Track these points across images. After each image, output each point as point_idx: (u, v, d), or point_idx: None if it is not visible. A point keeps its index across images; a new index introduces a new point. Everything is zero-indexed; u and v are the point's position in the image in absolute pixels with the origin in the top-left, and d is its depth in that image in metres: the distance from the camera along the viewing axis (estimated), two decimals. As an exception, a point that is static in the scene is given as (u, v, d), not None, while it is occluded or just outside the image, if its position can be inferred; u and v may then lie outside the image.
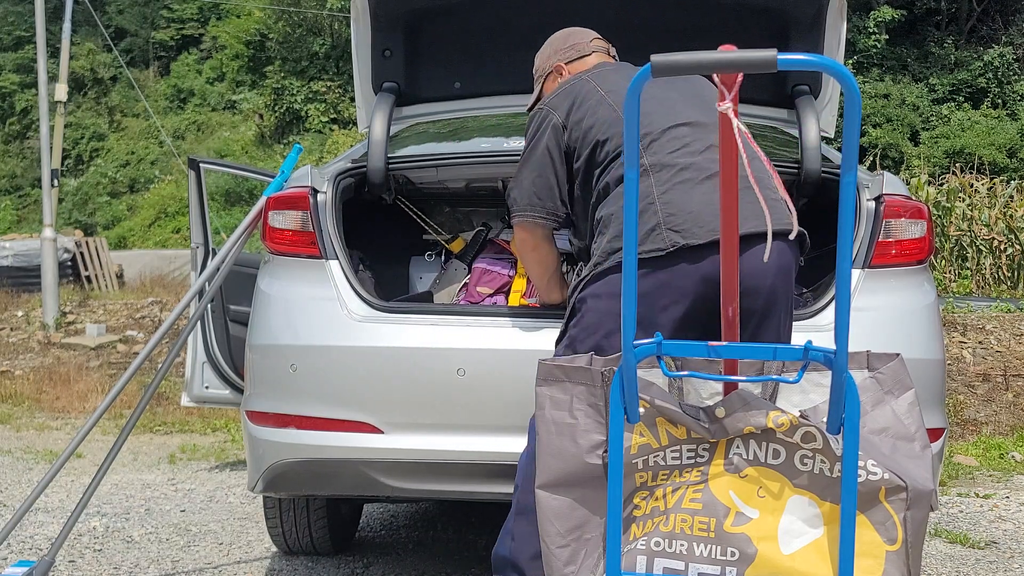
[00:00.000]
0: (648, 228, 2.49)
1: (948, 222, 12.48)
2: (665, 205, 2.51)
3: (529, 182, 2.84)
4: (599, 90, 2.78)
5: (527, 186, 2.85)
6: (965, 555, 3.95)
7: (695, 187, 2.55)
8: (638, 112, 1.81)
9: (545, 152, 2.81)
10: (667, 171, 2.57)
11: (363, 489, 3.01)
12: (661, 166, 2.57)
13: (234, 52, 31.23)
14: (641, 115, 2.06)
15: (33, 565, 3.24)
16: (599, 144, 2.68)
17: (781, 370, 2.17)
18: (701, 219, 2.49)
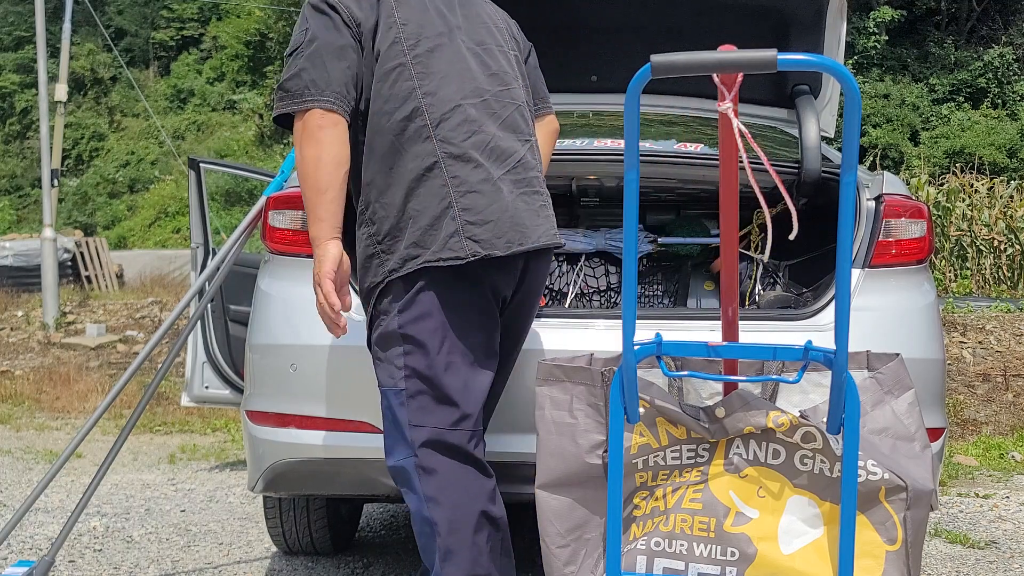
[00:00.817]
0: (448, 232, 2.31)
1: (948, 222, 12.49)
2: (464, 211, 2.33)
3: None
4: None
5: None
6: (965, 555, 3.95)
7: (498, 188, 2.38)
8: (638, 112, 1.81)
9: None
10: (465, 165, 2.36)
11: (363, 489, 3.01)
12: (454, 157, 2.36)
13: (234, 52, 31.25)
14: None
15: (33, 565, 3.24)
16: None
17: (781, 370, 2.17)
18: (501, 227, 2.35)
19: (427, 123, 2.36)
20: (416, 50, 2.40)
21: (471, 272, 2.33)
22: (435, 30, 2.44)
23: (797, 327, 2.82)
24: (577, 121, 3.90)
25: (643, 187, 3.54)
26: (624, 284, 1.94)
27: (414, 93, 2.36)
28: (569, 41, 3.98)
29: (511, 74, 2.56)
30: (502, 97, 2.49)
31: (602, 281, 3.96)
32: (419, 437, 2.30)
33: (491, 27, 2.60)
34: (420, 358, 2.33)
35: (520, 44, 2.71)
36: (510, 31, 2.68)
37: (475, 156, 2.37)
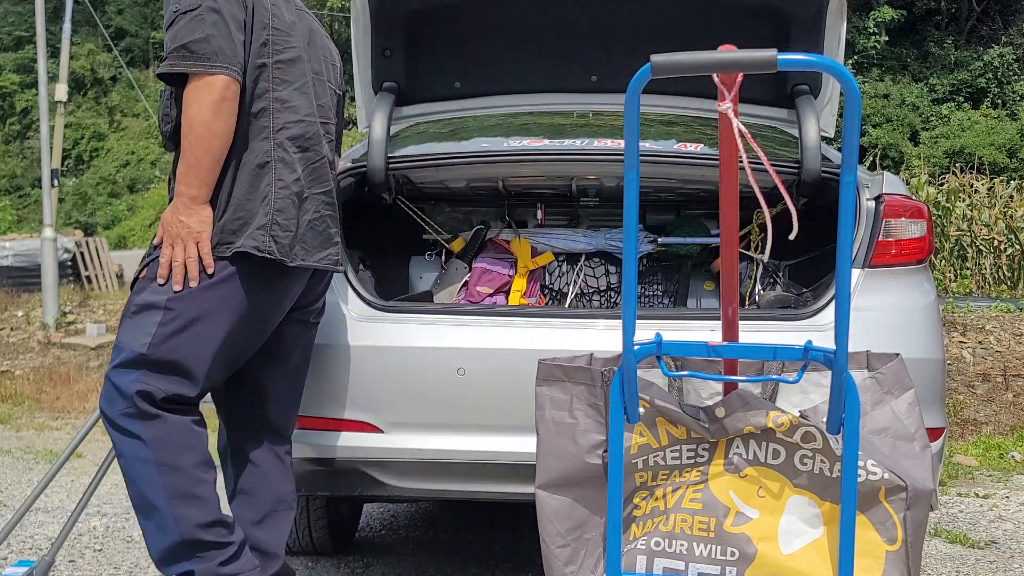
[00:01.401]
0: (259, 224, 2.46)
1: (948, 222, 12.49)
2: (278, 213, 2.49)
3: None
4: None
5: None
6: (965, 555, 3.95)
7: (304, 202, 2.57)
8: (638, 112, 1.81)
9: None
10: (291, 173, 2.53)
11: (363, 489, 3.01)
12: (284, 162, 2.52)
13: (234, 52, 31.22)
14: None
15: (33, 565, 3.24)
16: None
17: (781, 370, 2.17)
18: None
19: (270, 126, 2.51)
20: (279, 56, 2.54)
21: (266, 270, 2.49)
22: (297, 43, 2.60)
23: (797, 327, 2.82)
24: (577, 121, 3.90)
25: (643, 187, 3.55)
26: (624, 284, 1.94)
27: (267, 94, 2.51)
28: (569, 41, 3.98)
29: (332, 111, 2.77)
30: (327, 128, 2.71)
31: (602, 281, 3.96)
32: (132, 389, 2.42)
33: (328, 63, 2.80)
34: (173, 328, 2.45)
35: (340, 87, 2.90)
36: (338, 72, 2.88)
37: (299, 169, 2.56)
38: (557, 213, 4.08)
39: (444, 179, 3.67)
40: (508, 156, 3.39)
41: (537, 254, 3.90)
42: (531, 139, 3.47)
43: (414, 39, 3.92)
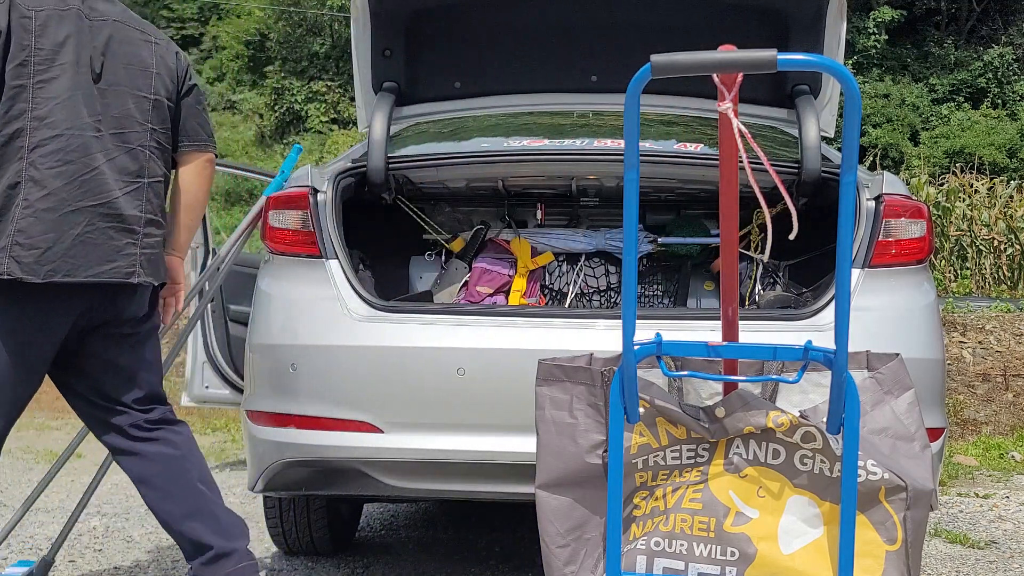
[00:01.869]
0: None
1: (948, 222, 12.48)
2: (19, 233, 2.49)
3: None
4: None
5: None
6: (965, 555, 3.95)
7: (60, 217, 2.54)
8: (638, 112, 1.81)
9: None
10: (40, 191, 2.52)
11: (363, 489, 3.01)
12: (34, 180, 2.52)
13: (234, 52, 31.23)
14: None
15: (33, 565, 3.24)
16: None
17: (781, 370, 2.17)
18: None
19: (24, 145, 2.51)
20: (40, 76, 2.54)
21: (15, 291, 2.50)
22: (66, 59, 2.58)
23: (797, 327, 2.82)
24: (577, 121, 3.90)
25: (643, 187, 3.55)
26: (624, 284, 1.95)
27: (24, 115, 2.52)
28: (569, 41, 3.98)
29: (135, 119, 2.71)
30: (116, 139, 2.66)
31: (602, 281, 3.96)
32: None
33: (136, 70, 2.73)
34: None
35: (174, 86, 2.85)
36: (169, 74, 2.82)
37: (52, 184, 2.53)
38: (557, 213, 4.08)
39: (444, 179, 3.67)
40: (508, 156, 3.39)
41: (537, 254, 3.90)
42: (531, 139, 3.47)
43: (414, 39, 3.92)
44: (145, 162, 2.73)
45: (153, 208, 2.73)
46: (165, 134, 2.80)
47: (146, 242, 2.70)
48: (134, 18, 2.80)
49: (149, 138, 2.74)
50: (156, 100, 2.78)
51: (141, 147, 2.71)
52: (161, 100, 2.79)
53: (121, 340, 2.75)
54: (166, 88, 2.81)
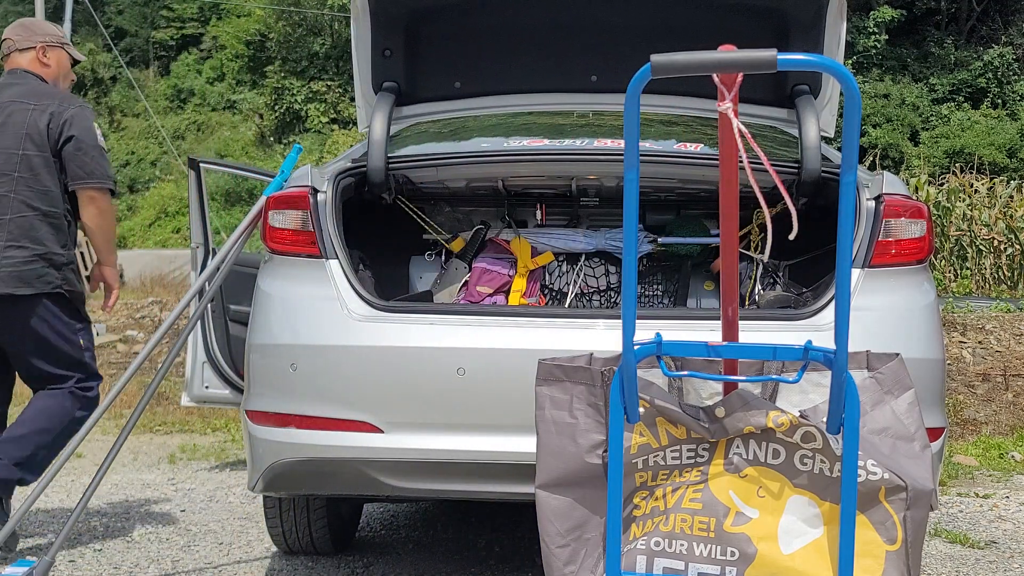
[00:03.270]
0: None
1: (948, 222, 12.48)
2: None
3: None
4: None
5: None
6: (965, 555, 3.95)
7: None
8: (638, 112, 1.81)
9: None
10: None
11: (363, 489, 3.01)
12: None
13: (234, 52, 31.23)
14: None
15: (33, 565, 3.24)
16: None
17: (781, 370, 2.17)
18: None
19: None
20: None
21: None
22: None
23: (797, 327, 2.82)
24: (577, 121, 3.90)
25: (643, 187, 3.55)
26: (624, 284, 1.95)
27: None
28: (569, 41, 3.98)
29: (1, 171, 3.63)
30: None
31: (602, 281, 3.96)
32: None
33: (9, 132, 3.63)
34: None
35: (43, 142, 3.65)
36: (38, 133, 3.64)
37: None
38: (557, 213, 4.08)
39: (444, 179, 3.67)
40: (508, 156, 3.39)
41: (537, 254, 3.90)
42: (531, 139, 3.47)
43: (414, 39, 3.92)
44: (8, 204, 3.61)
45: (15, 237, 3.59)
46: (37, 179, 3.64)
47: (4, 262, 3.57)
48: (29, 92, 3.73)
49: (15, 185, 3.63)
50: (24, 156, 3.64)
51: (5, 194, 3.61)
52: (28, 155, 3.64)
53: (14, 353, 3.79)
54: (35, 144, 3.64)
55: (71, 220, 3.75)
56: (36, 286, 3.60)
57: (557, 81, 4.04)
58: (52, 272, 3.64)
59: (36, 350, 3.69)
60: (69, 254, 3.72)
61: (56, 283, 3.65)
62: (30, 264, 3.59)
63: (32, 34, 3.89)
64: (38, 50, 3.85)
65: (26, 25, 3.97)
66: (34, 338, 3.67)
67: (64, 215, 3.70)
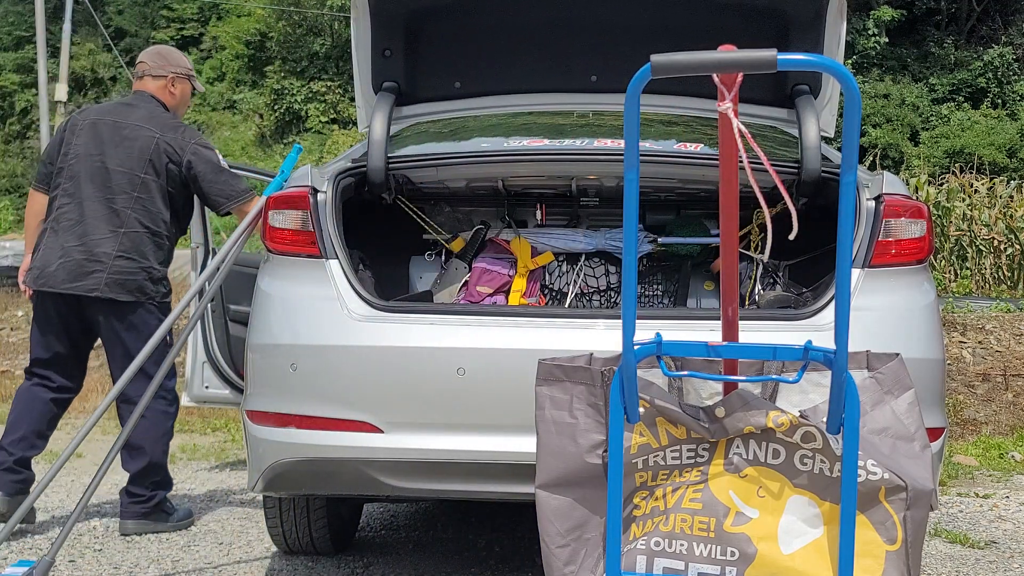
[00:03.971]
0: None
1: (948, 222, 12.47)
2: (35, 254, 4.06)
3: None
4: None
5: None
6: (965, 555, 3.95)
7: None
8: (638, 112, 1.81)
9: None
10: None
11: (363, 489, 3.01)
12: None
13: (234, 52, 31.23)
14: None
15: (33, 565, 3.24)
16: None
17: (781, 370, 2.17)
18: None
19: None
20: (69, 161, 4.05)
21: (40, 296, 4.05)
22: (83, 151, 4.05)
23: (797, 327, 2.82)
24: (577, 121, 3.90)
25: (643, 187, 3.55)
26: (624, 284, 1.95)
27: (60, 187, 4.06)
28: (569, 41, 3.98)
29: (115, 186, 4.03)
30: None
31: (602, 281, 3.96)
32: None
33: (138, 157, 4.02)
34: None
35: (167, 170, 4.06)
36: (160, 161, 4.03)
37: (54, 226, 4.03)
38: (557, 213, 4.08)
39: (444, 179, 3.67)
40: (508, 156, 3.39)
41: (537, 254, 3.90)
42: (531, 139, 3.47)
43: (414, 39, 3.92)
44: (125, 219, 4.06)
45: (126, 249, 4.04)
46: (152, 201, 4.10)
47: (107, 267, 4.00)
48: (155, 120, 4.12)
49: (132, 203, 4.08)
50: (143, 178, 4.10)
51: (122, 208, 4.07)
52: (147, 178, 4.11)
53: (109, 350, 4.13)
54: (155, 170, 4.08)
55: (172, 243, 4.17)
56: (136, 295, 3.98)
57: (557, 81, 4.04)
58: (150, 284, 4.02)
59: (127, 353, 3.93)
60: (164, 270, 4.13)
61: (151, 294, 4.02)
62: (134, 275, 3.96)
63: (167, 63, 4.23)
64: (168, 80, 4.20)
65: (163, 54, 4.30)
66: (127, 341, 3.99)
67: (167, 237, 4.11)
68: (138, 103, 4.17)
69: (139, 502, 4.09)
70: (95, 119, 4.08)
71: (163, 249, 4.09)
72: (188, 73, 4.28)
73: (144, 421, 3.83)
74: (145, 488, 4.08)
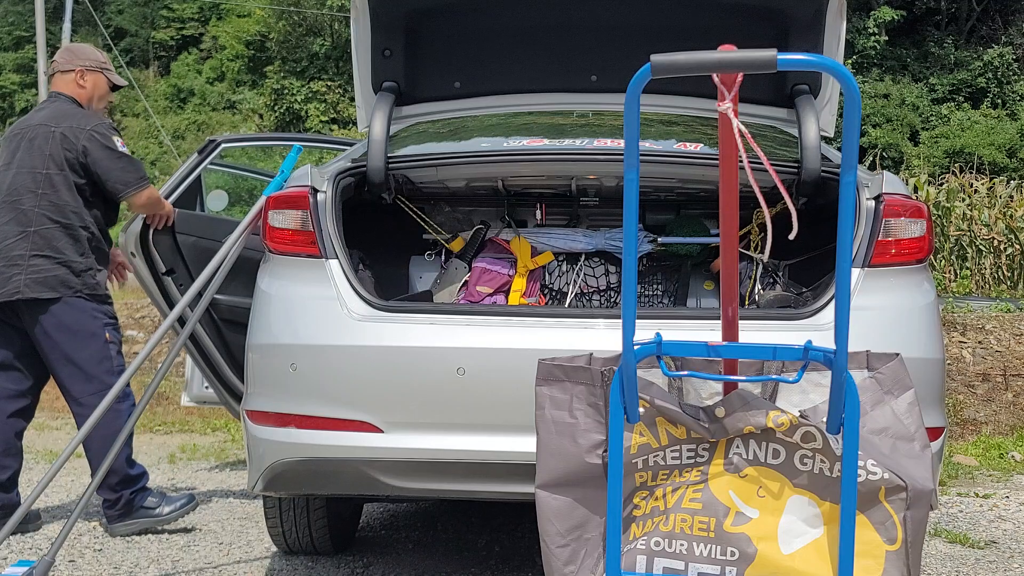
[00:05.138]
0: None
1: (948, 222, 12.47)
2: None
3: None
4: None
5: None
6: (965, 555, 3.95)
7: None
8: (638, 112, 1.81)
9: None
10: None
11: (363, 488, 3.01)
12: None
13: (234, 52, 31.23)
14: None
15: (33, 565, 3.24)
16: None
17: (781, 370, 2.17)
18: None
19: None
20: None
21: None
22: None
23: (797, 327, 2.82)
24: (577, 121, 3.90)
25: (643, 187, 3.55)
26: (624, 284, 1.95)
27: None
28: (569, 41, 3.98)
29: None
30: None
31: (602, 281, 3.96)
32: None
33: (39, 154, 3.99)
34: None
35: (67, 160, 3.99)
36: (59, 153, 3.97)
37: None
38: (557, 213, 4.08)
39: (444, 179, 3.67)
40: (508, 156, 3.39)
41: (537, 254, 3.90)
42: (531, 139, 3.47)
43: (414, 39, 3.92)
44: (32, 218, 4.02)
45: (39, 247, 4.00)
46: (57, 194, 4.04)
47: (30, 270, 4.00)
48: (55, 115, 4.06)
49: (38, 201, 4.03)
50: (45, 174, 4.03)
51: (30, 208, 4.02)
52: (50, 173, 4.03)
53: (45, 353, 4.10)
54: (55, 163, 4.03)
55: (92, 231, 4.06)
56: (59, 290, 3.94)
57: (557, 81, 4.04)
58: (72, 277, 3.96)
59: (63, 354, 3.96)
60: (87, 261, 4.01)
61: (76, 287, 3.96)
62: (53, 271, 3.93)
63: (74, 58, 4.18)
64: (77, 73, 4.14)
65: (71, 50, 4.27)
66: (60, 340, 3.97)
67: (82, 228, 4.02)
68: (46, 104, 4.19)
69: (109, 505, 4.08)
70: (10, 133, 4.14)
71: (80, 240, 4.00)
72: (100, 66, 4.20)
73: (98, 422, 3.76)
74: (109, 490, 4.04)
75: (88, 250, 4.03)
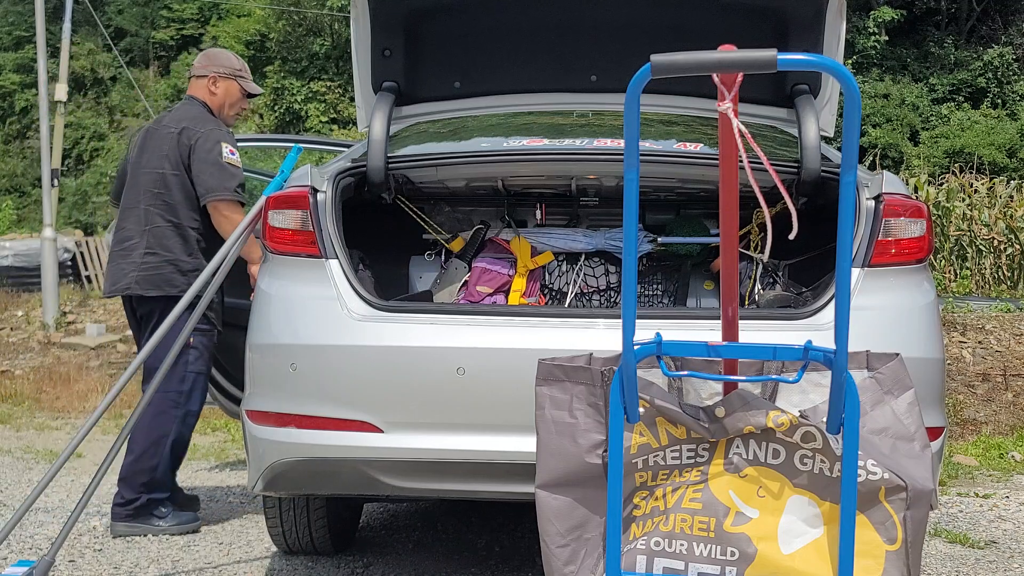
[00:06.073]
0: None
1: (948, 222, 12.48)
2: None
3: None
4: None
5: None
6: (965, 555, 3.95)
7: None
8: (638, 112, 1.81)
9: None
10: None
11: (363, 488, 3.01)
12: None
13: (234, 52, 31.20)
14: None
15: (33, 565, 3.24)
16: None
17: (781, 370, 2.17)
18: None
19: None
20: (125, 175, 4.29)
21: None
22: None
23: (797, 327, 2.82)
24: (577, 121, 3.90)
25: (643, 187, 3.55)
26: (624, 284, 1.95)
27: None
28: (569, 41, 3.98)
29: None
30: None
31: (602, 281, 3.96)
32: None
33: (157, 154, 4.13)
34: None
35: (181, 160, 4.10)
36: (173, 153, 4.10)
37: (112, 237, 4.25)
38: (557, 213, 4.08)
39: (444, 179, 3.67)
40: (508, 156, 3.39)
41: (537, 254, 3.90)
42: (531, 139, 3.47)
43: (414, 39, 3.92)
44: (148, 217, 4.17)
45: (151, 245, 4.15)
46: (170, 194, 4.16)
47: (143, 267, 4.15)
48: (178, 117, 4.19)
49: (153, 200, 4.17)
50: (160, 173, 4.15)
51: (147, 207, 4.16)
52: (164, 173, 4.13)
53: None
54: (170, 163, 4.13)
55: (202, 232, 4.11)
56: (164, 290, 4.03)
57: (557, 81, 4.04)
58: (178, 276, 4.03)
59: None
60: (195, 261, 4.05)
61: (181, 287, 3.95)
62: (159, 270, 4.04)
63: (210, 63, 4.28)
64: (209, 80, 4.24)
65: (208, 55, 4.38)
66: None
67: (191, 227, 4.09)
68: (178, 106, 4.32)
69: (122, 504, 4.06)
70: (140, 134, 4.31)
71: (189, 240, 4.08)
72: (233, 73, 4.26)
73: (144, 418, 3.80)
74: (132, 490, 4.05)
75: (197, 250, 4.09)
